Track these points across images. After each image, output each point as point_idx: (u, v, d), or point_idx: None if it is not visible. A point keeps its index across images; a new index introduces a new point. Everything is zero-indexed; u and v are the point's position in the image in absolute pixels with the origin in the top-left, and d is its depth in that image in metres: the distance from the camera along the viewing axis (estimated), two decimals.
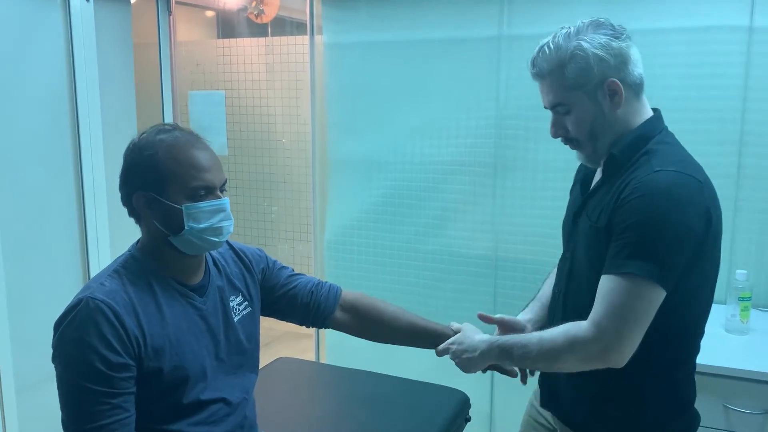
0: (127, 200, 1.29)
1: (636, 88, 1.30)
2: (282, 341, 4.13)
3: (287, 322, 1.57)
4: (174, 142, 1.26)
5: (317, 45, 2.85)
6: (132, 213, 1.30)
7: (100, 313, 1.16)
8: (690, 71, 2.23)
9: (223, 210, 1.28)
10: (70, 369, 1.17)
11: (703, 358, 1.65)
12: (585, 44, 1.25)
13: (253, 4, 4.47)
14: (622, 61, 1.26)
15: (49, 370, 1.20)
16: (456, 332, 1.51)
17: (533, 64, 1.32)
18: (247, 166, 4.22)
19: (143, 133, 1.29)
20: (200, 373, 1.28)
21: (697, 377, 1.43)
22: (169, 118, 2.95)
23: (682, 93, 2.24)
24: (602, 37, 1.26)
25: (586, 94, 1.27)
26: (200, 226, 1.25)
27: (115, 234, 2.60)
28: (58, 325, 1.20)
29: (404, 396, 1.98)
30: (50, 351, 1.20)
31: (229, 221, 1.30)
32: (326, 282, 1.57)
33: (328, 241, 2.91)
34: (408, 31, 2.62)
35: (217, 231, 1.27)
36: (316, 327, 1.56)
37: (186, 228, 1.24)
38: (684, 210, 1.18)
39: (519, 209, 2.54)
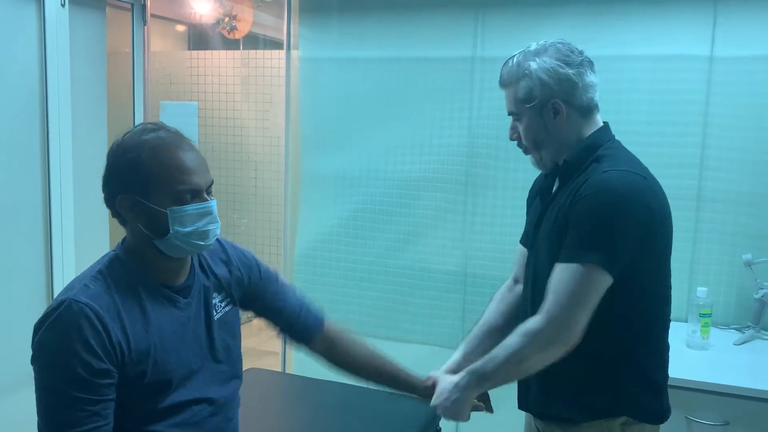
0: (110, 202, 1.26)
1: (583, 110, 1.41)
2: (245, 358, 4.08)
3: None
4: (158, 143, 1.22)
5: (293, 59, 2.88)
6: (116, 215, 1.27)
7: (83, 317, 1.13)
8: (653, 97, 2.33)
9: (209, 213, 1.25)
10: (50, 373, 1.13)
11: None
12: (534, 67, 1.38)
13: (226, 19, 4.48)
14: (568, 86, 1.38)
15: (11, 379, 1.16)
16: (433, 381, 1.53)
17: (501, 73, 1.46)
18: (217, 177, 4.13)
19: (126, 133, 1.25)
20: (183, 377, 1.26)
21: None
22: None
23: (646, 118, 2.33)
24: (553, 62, 1.37)
25: (532, 109, 1.40)
26: (186, 229, 1.22)
27: (80, 242, 2.55)
28: (39, 327, 1.16)
29: (376, 407, 1.98)
30: (11, 358, 1.16)
31: (216, 224, 1.27)
32: (313, 306, 1.54)
33: (298, 255, 2.90)
34: (384, 49, 2.67)
35: (203, 234, 1.25)
36: (291, 344, 1.56)
37: (171, 232, 1.21)
38: (630, 204, 1.29)
39: (489, 226, 2.59)
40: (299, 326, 1.51)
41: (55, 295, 2.41)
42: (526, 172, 2.49)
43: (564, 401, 1.41)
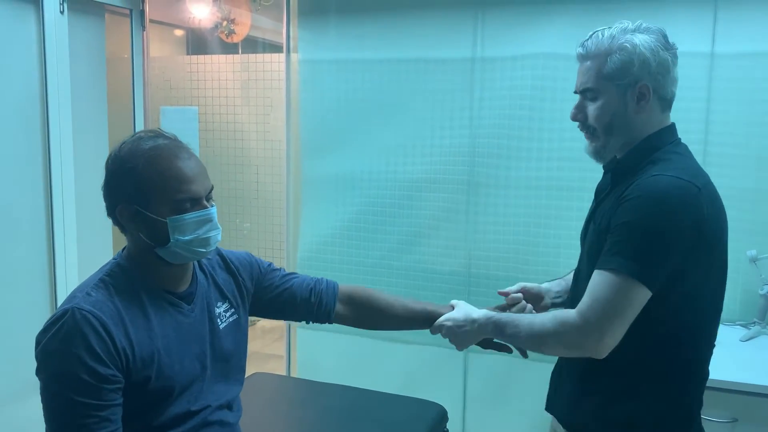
0: (110, 212, 1.26)
1: (664, 103, 1.34)
2: (249, 362, 4.08)
3: (287, 320, 1.56)
4: (155, 152, 1.21)
5: (292, 62, 2.88)
6: (116, 223, 1.27)
7: (87, 324, 1.13)
8: None
9: (209, 220, 1.25)
10: (56, 381, 1.13)
11: None
12: (637, 41, 1.28)
13: (224, 23, 4.48)
14: (662, 71, 1.30)
15: (15, 387, 1.16)
16: (452, 308, 1.54)
17: (582, 44, 1.35)
18: (219, 182, 4.19)
19: (124, 143, 1.25)
20: (186, 384, 1.26)
21: None
22: None
23: None
24: (654, 42, 1.29)
25: (617, 87, 1.30)
26: (186, 238, 1.22)
27: (83, 248, 2.55)
28: (42, 337, 1.16)
29: (382, 409, 1.97)
30: (14, 365, 1.15)
31: (217, 230, 1.27)
32: (323, 278, 1.58)
33: (301, 257, 2.90)
34: (384, 50, 2.67)
35: (204, 242, 1.25)
36: (319, 322, 1.56)
37: (172, 240, 1.22)
38: (674, 214, 1.21)
39: (492, 226, 2.58)
40: (318, 297, 1.52)
41: (58, 302, 2.43)
42: (528, 170, 2.51)
43: (590, 413, 1.36)
